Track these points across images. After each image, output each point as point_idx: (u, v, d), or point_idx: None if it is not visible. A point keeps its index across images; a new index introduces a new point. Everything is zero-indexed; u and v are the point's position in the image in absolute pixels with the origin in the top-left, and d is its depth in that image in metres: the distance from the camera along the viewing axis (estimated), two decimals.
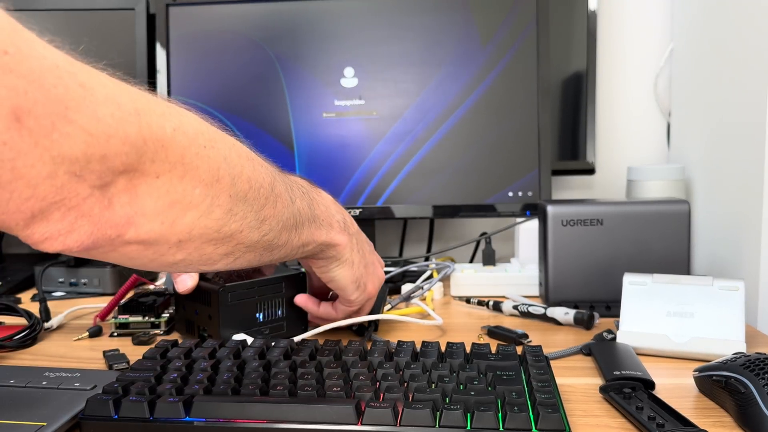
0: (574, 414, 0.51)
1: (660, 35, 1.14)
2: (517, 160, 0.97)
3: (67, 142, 0.34)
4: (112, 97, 0.37)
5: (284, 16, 1.00)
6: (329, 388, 0.50)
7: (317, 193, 0.61)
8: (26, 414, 0.50)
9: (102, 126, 0.35)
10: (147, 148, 0.38)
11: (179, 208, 0.41)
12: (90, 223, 0.37)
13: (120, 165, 0.37)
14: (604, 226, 0.79)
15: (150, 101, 0.40)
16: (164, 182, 0.40)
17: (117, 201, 0.38)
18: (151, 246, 0.41)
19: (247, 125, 1.01)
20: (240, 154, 0.47)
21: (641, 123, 1.16)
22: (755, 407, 0.47)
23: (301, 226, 0.55)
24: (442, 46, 0.98)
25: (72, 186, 0.35)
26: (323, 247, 0.60)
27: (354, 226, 0.65)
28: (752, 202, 0.79)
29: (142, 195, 0.39)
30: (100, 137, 0.35)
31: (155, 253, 0.42)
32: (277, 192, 0.50)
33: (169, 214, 0.40)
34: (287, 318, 0.72)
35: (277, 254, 0.53)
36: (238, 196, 0.45)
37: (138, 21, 1.03)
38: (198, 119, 0.44)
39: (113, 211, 0.38)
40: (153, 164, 0.39)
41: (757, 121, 0.77)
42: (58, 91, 0.33)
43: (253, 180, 0.47)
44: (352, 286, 0.65)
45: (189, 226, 0.42)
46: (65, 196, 0.35)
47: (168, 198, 0.40)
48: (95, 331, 0.75)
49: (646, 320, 0.66)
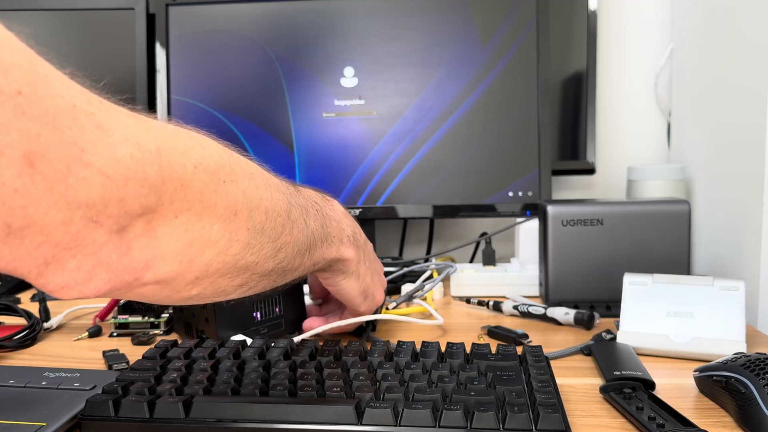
0: (574, 414, 0.51)
1: (660, 35, 1.14)
2: (517, 159, 0.97)
3: (84, 187, 0.32)
4: (131, 137, 0.35)
5: (284, 15, 1.00)
6: (329, 389, 0.50)
7: (330, 208, 0.60)
8: (26, 414, 0.50)
9: (121, 168, 0.34)
10: (166, 188, 0.36)
11: (198, 246, 0.40)
12: (108, 271, 0.35)
13: (138, 208, 0.35)
14: (604, 226, 0.79)
15: (172, 137, 0.38)
16: (183, 222, 0.38)
17: (135, 245, 0.36)
18: (167, 285, 0.40)
19: (247, 125, 1.01)
20: (258, 184, 0.45)
21: (641, 123, 1.16)
22: (755, 407, 0.47)
23: (313, 247, 0.54)
24: (442, 46, 0.98)
25: (88, 232, 0.33)
26: (332, 263, 0.59)
27: (362, 236, 0.64)
28: (752, 202, 0.79)
29: (161, 237, 0.37)
30: (118, 180, 0.34)
31: (171, 290, 0.40)
32: (294, 218, 0.49)
33: (188, 253, 0.39)
34: (285, 315, 0.72)
35: (289, 277, 0.53)
36: (255, 228, 0.44)
37: (138, 21, 1.03)
38: (219, 149, 0.43)
39: (131, 257, 0.36)
40: (172, 204, 0.37)
41: (757, 121, 0.77)
42: (73, 133, 0.32)
43: (270, 210, 0.46)
44: (359, 298, 0.65)
45: (207, 263, 0.41)
46: (81, 243, 0.33)
47: (187, 238, 0.39)
48: (95, 331, 0.75)
49: (646, 320, 0.66)
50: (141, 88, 1.03)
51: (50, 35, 1.03)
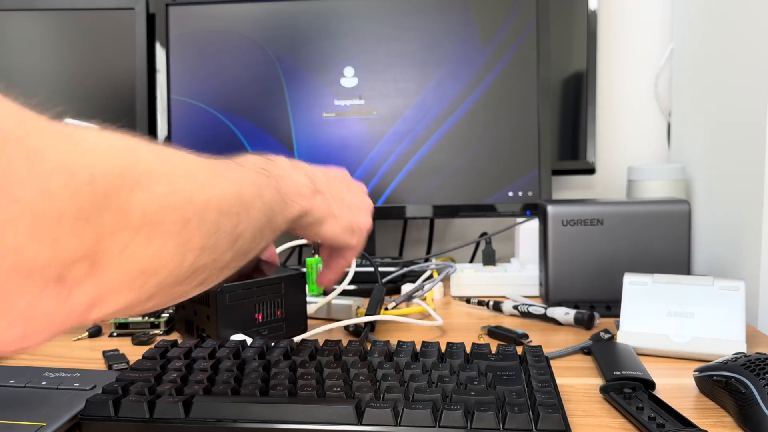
0: (575, 414, 0.51)
1: (660, 35, 1.14)
2: (517, 159, 0.97)
3: (9, 230, 0.27)
4: (66, 163, 0.30)
5: (284, 15, 1.00)
6: (329, 389, 0.50)
7: (277, 166, 0.55)
8: (26, 414, 0.50)
9: (53, 203, 0.28)
10: (104, 220, 0.31)
11: (150, 271, 0.35)
12: (47, 323, 0.30)
13: (77, 248, 0.30)
14: (604, 226, 0.79)
15: (109, 158, 0.33)
16: (131, 253, 0.33)
17: (79, 291, 0.31)
18: (118, 312, 0.36)
19: (247, 125, 1.01)
20: (203, 180, 0.40)
21: (641, 123, 1.16)
22: (756, 407, 0.47)
23: (273, 217, 0.50)
24: (442, 46, 0.98)
25: (18, 286, 0.28)
26: (297, 220, 0.56)
27: (320, 176, 0.60)
28: (752, 202, 0.79)
29: (108, 274, 0.32)
30: (50, 218, 0.28)
31: (125, 312, 0.36)
32: (247, 200, 0.45)
33: (139, 281, 0.35)
34: (286, 318, 0.72)
35: (252, 255, 0.48)
36: (209, 230, 0.40)
37: (138, 20, 1.03)
38: (157, 153, 0.38)
39: (75, 302, 0.31)
40: (114, 237, 0.32)
41: (757, 121, 0.77)
42: None
43: (222, 203, 0.41)
44: (345, 236, 0.62)
45: (161, 281, 0.37)
46: (11, 300, 0.28)
47: (137, 267, 0.34)
48: (95, 331, 0.75)
49: (646, 320, 0.66)
50: (141, 88, 1.03)
51: (50, 35, 1.03)
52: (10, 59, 1.03)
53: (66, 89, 1.04)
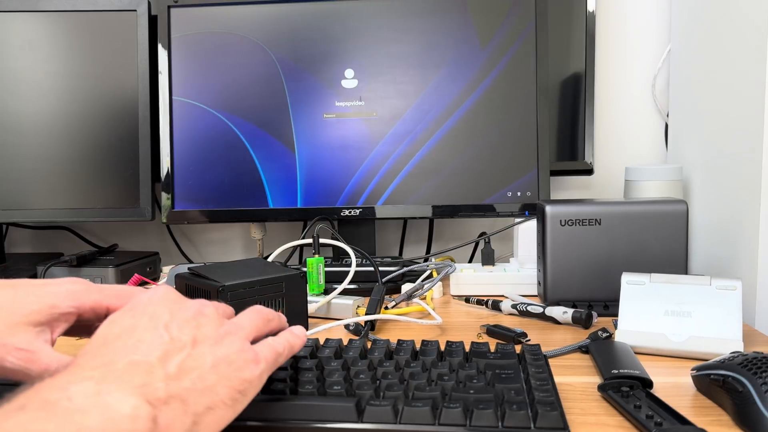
0: (573, 412, 0.51)
1: (658, 36, 1.14)
2: (515, 160, 0.98)
3: None
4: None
5: (285, 17, 1.00)
6: (329, 386, 0.50)
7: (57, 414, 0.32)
8: None
9: None
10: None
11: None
12: None
13: None
14: (602, 225, 0.80)
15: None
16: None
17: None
18: None
19: (249, 126, 1.01)
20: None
21: (639, 123, 1.17)
22: (753, 406, 0.47)
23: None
24: (442, 47, 0.98)
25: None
26: None
27: (156, 355, 0.38)
28: (750, 202, 0.79)
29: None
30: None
31: None
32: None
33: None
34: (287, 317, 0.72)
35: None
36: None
37: (140, 22, 1.03)
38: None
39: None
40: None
41: (754, 122, 0.78)
42: None
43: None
44: (237, 409, 0.41)
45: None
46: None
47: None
48: None
49: (644, 319, 0.66)
50: (143, 89, 1.03)
51: (52, 37, 1.04)
52: (12, 61, 1.03)
53: (68, 91, 1.04)
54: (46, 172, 1.05)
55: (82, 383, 0.34)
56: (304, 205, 1.01)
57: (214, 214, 1.02)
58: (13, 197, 1.05)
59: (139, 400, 0.34)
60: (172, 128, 1.02)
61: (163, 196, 1.02)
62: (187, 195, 1.02)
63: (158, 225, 1.24)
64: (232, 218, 1.03)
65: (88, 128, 1.05)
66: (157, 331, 0.40)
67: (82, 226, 1.26)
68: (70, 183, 1.05)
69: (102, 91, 1.04)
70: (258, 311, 0.48)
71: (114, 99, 1.04)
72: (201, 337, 0.41)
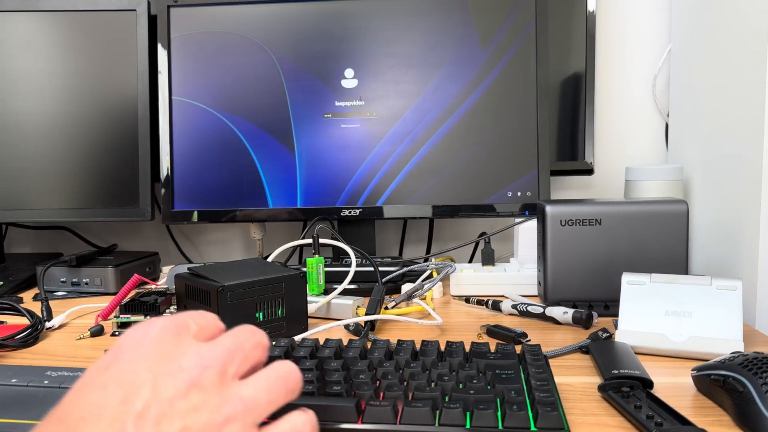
0: (573, 413, 0.51)
1: (658, 36, 1.14)
2: (516, 160, 0.98)
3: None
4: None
5: (285, 17, 1.00)
6: (329, 386, 0.50)
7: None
8: (28, 413, 0.50)
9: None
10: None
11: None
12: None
13: None
14: (602, 226, 0.80)
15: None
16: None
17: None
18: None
19: (248, 126, 1.01)
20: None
21: (639, 123, 1.17)
22: (753, 406, 0.47)
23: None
24: (442, 47, 0.98)
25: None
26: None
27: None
28: (750, 202, 0.79)
29: None
30: None
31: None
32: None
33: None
34: (287, 318, 0.72)
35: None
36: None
37: (140, 22, 1.03)
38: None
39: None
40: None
41: (754, 121, 0.78)
42: None
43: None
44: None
45: None
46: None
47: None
48: (97, 331, 0.76)
49: (644, 319, 0.66)
50: (143, 89, 1.03)
51: (52, 37, 1.04)
52: (12, 61, 1.03)
53: (68, 91, 1.04)
54: (46, 172, 1.05)
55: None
56: (304, 205, 1.01)
57: (214, 214, 1.02)
58: (13, 197, 1.05)
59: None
60: (171, 128, 1.02)
61: (163, 196, 1.02)
62: (187, 195, 1.02)
63: (158, 225, 1.24)
64: (231, 218, 1.03)
65: (88, 128, 1.05)
66: (125, 423, 0.29)
67: (82, 226, 1.26)
68: (70, 183, 1.05)
69: (102, 91, 1.04)
70: (285, 378, 0.35)
71: (114, 99, 1.04)
72: (194, 429, 0.31)
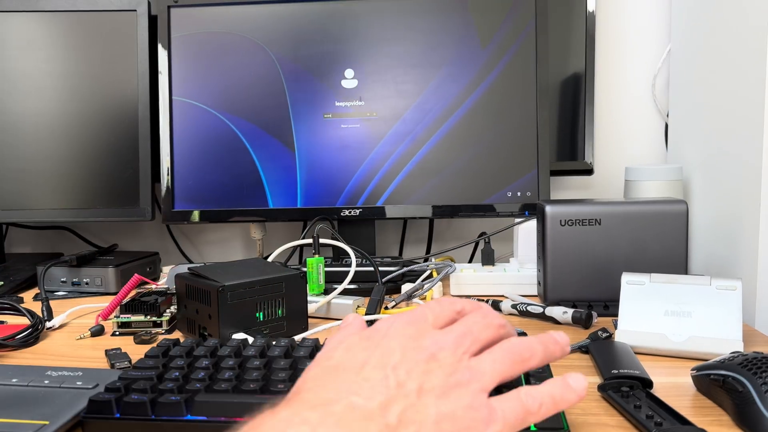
0: (573, 412, 0.51)
1: (658, 36, 1.14)
2: (515, 160, 0.98)
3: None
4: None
5: (285, 17, 1.00)
6: None
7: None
8: (28, 413, 0.50)
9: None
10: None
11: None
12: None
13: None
14: (602, 226, 0.80)
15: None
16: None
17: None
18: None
19: (249, 126, 1.01)
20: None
21: (639, 123, 1.17)
22: (753, 406, 0.47)
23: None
24: (442, 47, 0.98)
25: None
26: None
27: None
28: (750, 202, 0.79)
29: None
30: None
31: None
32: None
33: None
34: (287, 318, 0.72)
35: None
36: None
37: (140, 22, 1.03)
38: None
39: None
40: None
41: (754, 122, 0.78)
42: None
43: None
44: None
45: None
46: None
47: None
48: (97, 330, 0.76)
49: (644, 319, 0.66)
50: (143, 89, 1.04)
51: (52, 37, 1.04)
52: (12, 61, 1.03)
53: (68, 91, 1.04)
54: (47, 172, 1.05)
55: (299, 428, 0.34)
56: (304, 205, 1.01)
57: (214, 214, 1.02)
58: (13, 197, 1.05)
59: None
60: (172, 128, 1.02)
61: (163, 196, 1.02)
62: (187, 195, 1.02)
63: (158, 225, 1.24)
64: (231, 218, 1.03)
65: (88, 128, 1.05)
66: (384, 371, 0.37)
67: (82, 226, 1.26)
68: (70, 183, 1.05)
69: (102, 91, 1.04)
70: (511, 350, 0.40)
71: (114, 99, 1.04)
72: (428, 386, 0.37)
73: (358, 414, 0.35)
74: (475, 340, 0.40)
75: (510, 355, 0.40)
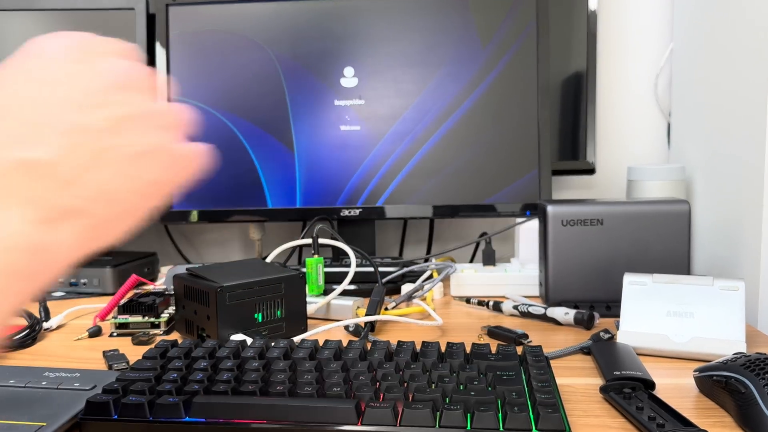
0: (574, 414, 0.51)
1: (660, 35, 1.14)
2: (517, 160, 0.97)
3: None
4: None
5: (284, 15, 1.00)
6: (329, 388, 0.50)
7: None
8: (26, 414, 0.50)
9: None
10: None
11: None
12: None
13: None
14: (604, 226, 0.79)
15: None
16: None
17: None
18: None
19: (248, 125, 1.01)
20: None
21: (641, 123, 1.16)
22: (755, 407, 0.47)
23: None
24: (442, 46, 0.98)
25: None
26: None
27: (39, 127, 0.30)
28: (752, 202, 0.79)
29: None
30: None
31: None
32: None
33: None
34: (286, 319, 0.72)
35: None
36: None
37: (138, 21, 1.03)
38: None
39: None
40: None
41: (757, 121, 0.77)
42: None
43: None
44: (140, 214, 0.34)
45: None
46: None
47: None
48: (95, 331, 0.75)
49: (646, 320, 0.66)
50: None
51: None
52: None
53: None
54: None
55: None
56: (304, 205, 1.00)
57: (213, 214, 1.02)
58: None
59: (25, 221, 0.27)
60: None
61: None
62: (185, 195, 1.02)
63: (156, 225, 1.23)
64: (230, 218, 1.03)
65: None
66: (63, 107, 0.30)
67: None
68: None
69: None
70: None
71: None
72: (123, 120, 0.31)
73: (32, 173, 0.28)
74: None
75: None
